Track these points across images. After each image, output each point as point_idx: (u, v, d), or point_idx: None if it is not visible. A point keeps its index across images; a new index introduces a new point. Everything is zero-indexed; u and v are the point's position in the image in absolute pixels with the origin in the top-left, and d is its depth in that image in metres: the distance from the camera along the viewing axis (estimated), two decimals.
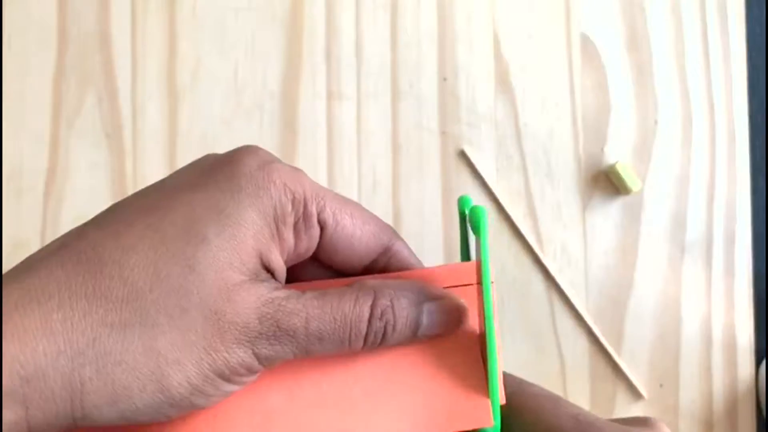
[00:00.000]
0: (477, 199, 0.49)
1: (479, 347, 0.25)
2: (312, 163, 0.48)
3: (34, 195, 0.47)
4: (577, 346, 0.48)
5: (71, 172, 0.48)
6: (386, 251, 0.26)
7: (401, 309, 0.24)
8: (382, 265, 0.26)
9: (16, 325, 0.20)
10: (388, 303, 0.24)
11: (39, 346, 0.20)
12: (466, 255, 0.29)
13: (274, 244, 0.23)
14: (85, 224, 0.23)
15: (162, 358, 0.21)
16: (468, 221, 0.26)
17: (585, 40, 0.50)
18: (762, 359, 0.49)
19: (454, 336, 0.25)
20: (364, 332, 0.23)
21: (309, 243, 0.25)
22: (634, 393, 0.48)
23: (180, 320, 0.21)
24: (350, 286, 0.24)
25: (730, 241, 0.50)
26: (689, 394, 0.49)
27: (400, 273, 0.26)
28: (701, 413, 0.49)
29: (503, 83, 0.50)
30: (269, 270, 0.23)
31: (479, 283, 0.25)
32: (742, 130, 0.50)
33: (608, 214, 0.49)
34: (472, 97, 0.50)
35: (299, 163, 0.48)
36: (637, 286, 0.49)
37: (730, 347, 0.49)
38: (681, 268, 0.49)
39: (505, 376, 0.28)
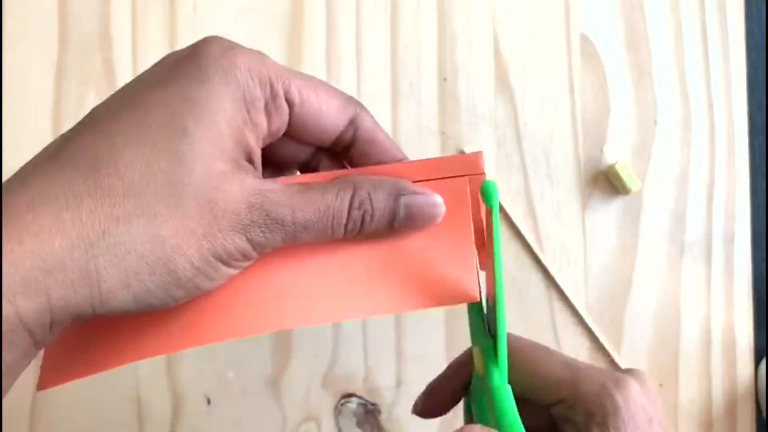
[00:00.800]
0: None
1: (470, 234, 0.27)
2: None
3: None
4: (576, 346, 0.49)
5: None
6: (351, 123, 0.28)
7: (378, 201, 0.26)
8: (350, 136, 0.28)
9: (31, 223, 0.21)
10: (366, 195, 0.26)
11: (55, 242, 0.21)
12: None
13: (248, 129, 0.25)
14: (72, 129, 0.24)
15: (167, 244, 0.23)
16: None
17: (585, 40, 0.50)
18: (761, 359, 0.49)
19: (447, 224, 0.27)
20: (344, 221, 0.26)
21: (280, 122, 0.26)
22: None
23: (177, 210, 0.23)
24: (332, 181, 0.26)
25: (729, 241, 0.50)
26: (688, 394, 0.49)
27: (393, 165, 0.28)
28: (700, 413, 0.49)
29: (503, 83, 0.50)
30: (248, 158, 0.25)
31: (474, 174, 0.27)
32: (742, 130, 0.50)
33: (608, 214, 0.49)
34: (472, 97, 0.50)
35: None
36: (637, 285, 0.49)
37: (730, 347, 0.49)
38: (680, 268, 0.49)
39: None
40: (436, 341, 0.48)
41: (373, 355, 0.48)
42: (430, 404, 0.33)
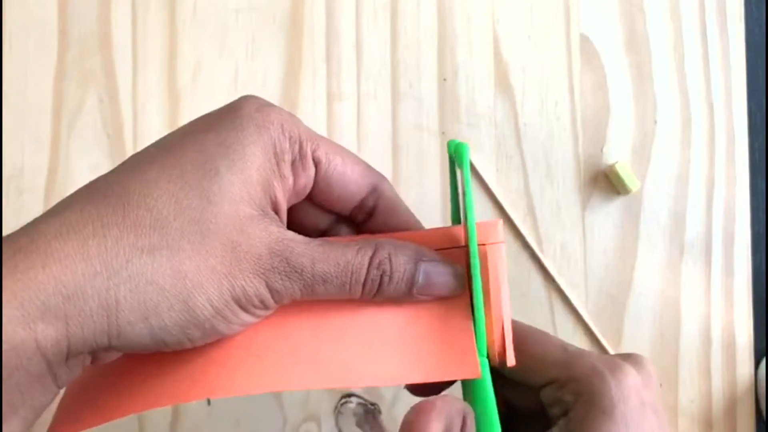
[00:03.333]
0: (477, 199, 0.49)
1: (469, 309, 0.27)
2: None
3: (34, 195, 0.47)
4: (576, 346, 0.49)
5: (72, 172, 0.48)
6: (374, 190, 0.29)
7: (398, 263, 0.26)
8: (371, 203, 0.29)
9: (56, 250, 0.22)
10: (386, 255, 0.26)
11: (78, 268, 0.22)
12: (455, 202, 0.31)
13: (276, 180, 0.26)
14: (110, 171, 0.25)
15: (188, 280, 0.23)
16: (453, 159, 0.28)
17: (584, 40, 0.50)
18: (761, 359, 0.49)
19: (461, 296, 0.27)
20: (362, 279, 0.26)
21: (306, 180, 0.27)
22: None
23: (201, 247, 0.23)
24: (354, 240, 0.26)
25: (729, 241, 0.50)
26: (688, 394, 0.49)
27: (402, 233, 0.28)
28: (700, 413, 0.49)
29: (503, 83, 0.50)
30: (274, 207, 0.26)
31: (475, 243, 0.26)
32: (741, 130, 0.50)
33: (607, 214, 0.49)
34: (472, 97, 0.50)
35: None
36: (637, 285, 0.49)
37: (729, 347, 0.49)
38: (680, 268, 0.49)
39: None
40: None
41: None
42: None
